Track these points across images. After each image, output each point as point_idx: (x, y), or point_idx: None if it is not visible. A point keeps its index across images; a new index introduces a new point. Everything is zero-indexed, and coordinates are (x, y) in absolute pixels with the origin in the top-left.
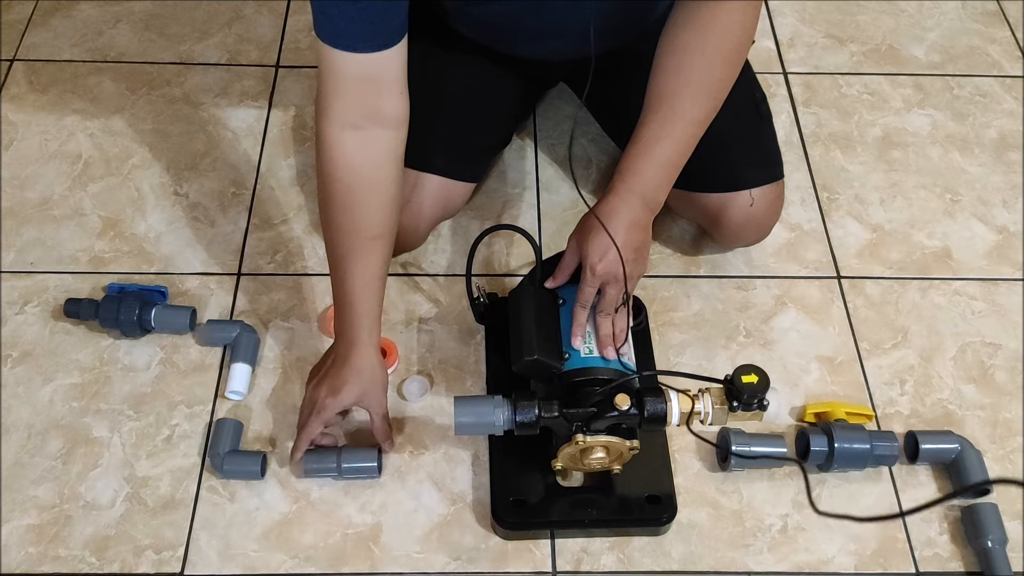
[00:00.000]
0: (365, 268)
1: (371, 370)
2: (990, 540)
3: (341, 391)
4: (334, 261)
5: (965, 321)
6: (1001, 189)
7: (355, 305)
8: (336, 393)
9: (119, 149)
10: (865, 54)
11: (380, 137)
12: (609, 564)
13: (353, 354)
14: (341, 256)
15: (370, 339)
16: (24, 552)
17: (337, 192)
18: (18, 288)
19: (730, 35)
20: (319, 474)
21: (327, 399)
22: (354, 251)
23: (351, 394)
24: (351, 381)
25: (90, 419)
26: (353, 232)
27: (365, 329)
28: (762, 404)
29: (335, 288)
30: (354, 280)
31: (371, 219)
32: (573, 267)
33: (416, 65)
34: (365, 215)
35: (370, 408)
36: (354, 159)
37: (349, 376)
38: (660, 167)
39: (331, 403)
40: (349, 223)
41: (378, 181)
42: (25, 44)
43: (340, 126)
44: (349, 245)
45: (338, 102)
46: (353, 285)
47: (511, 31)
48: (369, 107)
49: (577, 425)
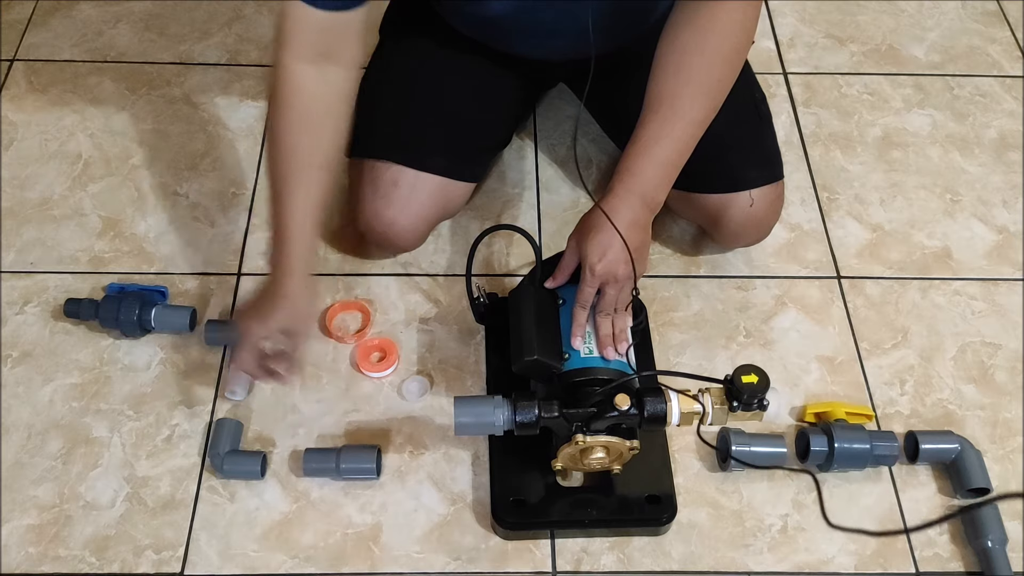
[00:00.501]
0: (304, 197)
1: (302, 298)
2: (990, 540)
3: (268, 317)
4: (277, 188)
5: (965, 321)
6: (1001, 189)
7: (291, 233)
8: (263, 319)
9: (119, 149)
10: (865, 54)
11: (335, 73)
12: (609, 564)
13: (284, 283)
14: (282, 184)
15: (302, 269)
16: (24, 552)
17: (292, 117)
18: (18, 288)
19: (730, 35)
20: (318, 474)
21: (253, 324)
22: (296, 178)
23: (278, 321)
24: (279, 307)
25: (90, 419)
26: (301, 158)
27: (299, 259)
28: (762, 404)
29: (274, 218)
30: (292, 208)
31: (317, 147)
32: (573, 267)
33: (416, 65)
34: (315, 142)
35: (295, 336)
36: (311, 88)
37: (277, 303)
38: (660, 167)
39: (257, 328)
40: (298, 148)
41: (331, 112)
42: (25, 44)
43: (298, 57)
44: (291, 171)
45: (297, 41)
46: (291, 214)
47: (509, 30)
48: (327, 52)
49: (577, 425)
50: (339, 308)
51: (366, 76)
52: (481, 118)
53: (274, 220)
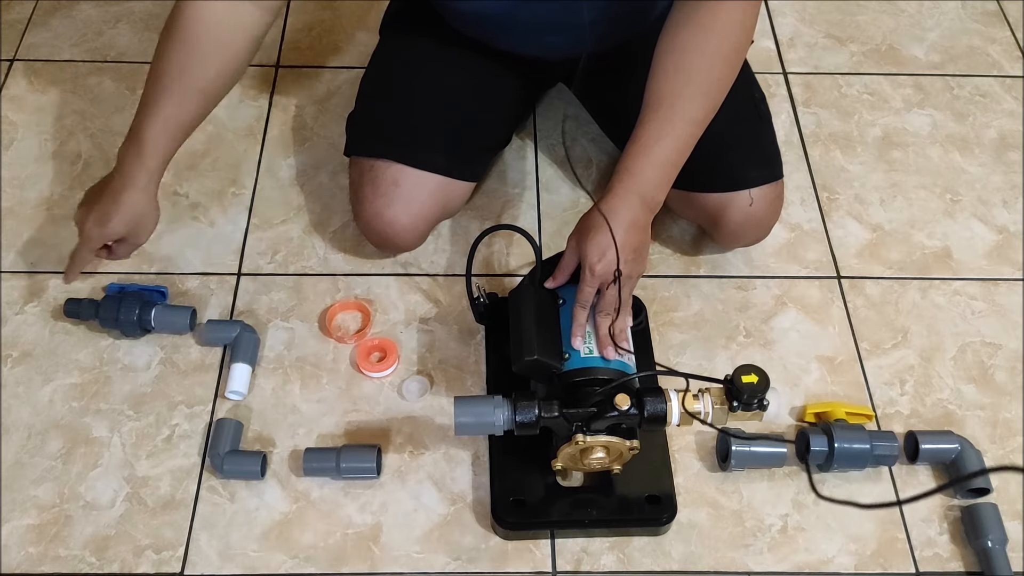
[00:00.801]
0: (176, 112)
1: (140, 209)
2: (990, 540)
3: (108, 223)
4: (148, 94)
5: (965, 321)
6: (1001, 189)
7: (148, 143)
8: (103, 224)
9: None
10: (865, 54)
11: (249, 10)
12: (609, 564)
13: (127, 192)
14: (157, 91)
15: (148, 183)
16: (24, 552)
17: (185, 31)
18: (18, 288)
19: (730, 35)
20: (318, 474)
21: (93, 228)
22: (173, 91)
23: (116, 229)
24: (118, 215)
25: (90, 419)
26: (181, 73)
27: (147, 172)
28: (762, 404)
29: (137, 120)
30: (159, 119)
31: (204, 71)
32: (573, 267)
33: (417, 64)
34: (201, 65)
35: (134, 241)
36: (218, 13)
37: (118, 211)
38: (659, 167)
39: (96, 233)
40: (181, 64)
41: (230, 44)
42: (25, 44)
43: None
44: (170, 82)
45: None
46: (156, 124)
47: (507, 28)
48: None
49: (577, 425)
50: (339, 308)
51: (366, 75)
52: (481, 118)
53: (137, 121)
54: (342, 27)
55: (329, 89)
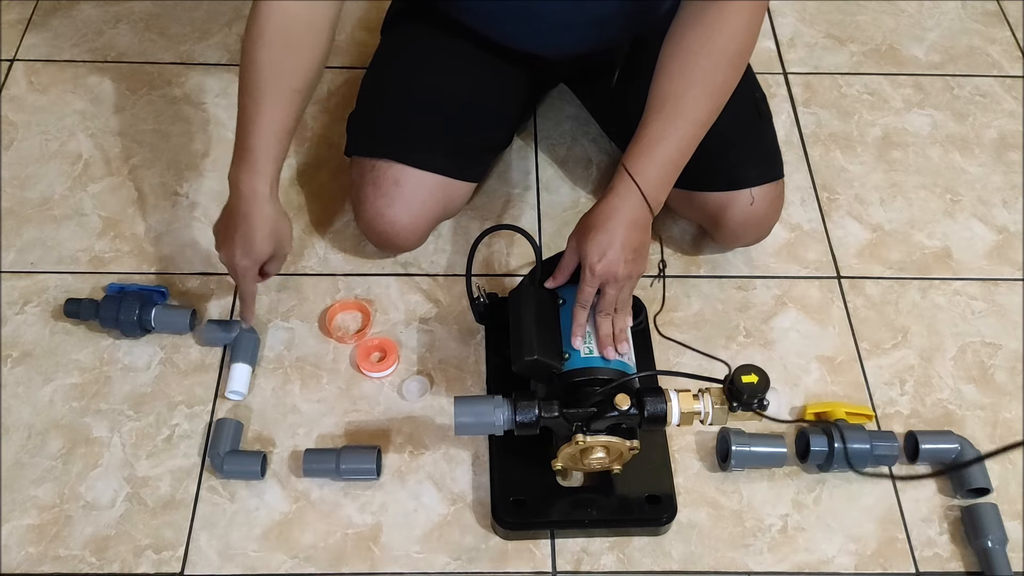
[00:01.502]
0: (281, 117)
1: (277, 221)
2: (990, 540)
3: (253, 250)
4: (248, 106)
5: (965, 321)
6: (1001, 189)
7: (260, 150)
8: (249, 252)
9: (119, 149)
10: (865, 54)
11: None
12: (609, 564)
13: (256, 209)
14: (257, 100)
15: (272, 193)
16: (24, 552)
17: (272, 33)
18: (18, 288)
19: (735, 37)
20: (318, 474)
21: (244, 261)
22: (274, 96)
23: (264, 251)
24: (259, 236)
25: (90, 419)
26: (277, 77)
27: (267, 182)
28: (762, 404)
29: (241, 134)
30: (266, 127)
31: (298, 69)
32: (573, 267)
33: (418, 65)
34: (294, 63)
35: (280, 255)
36: (297, 8)
37: (257, 232)
38: (661, 167)
39: (250, 264)
40: (275, 67)
41: (314, 34)
42: (25, 44)
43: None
44: (269, 89)
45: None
46: (264, 131)
47: (514, 23)
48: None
49: (577, 425)
50: (339, 308)
51: (367, 75)
52: (483, 118)
53: (241, 136)
54: (342, 27)
55: (329, 89)
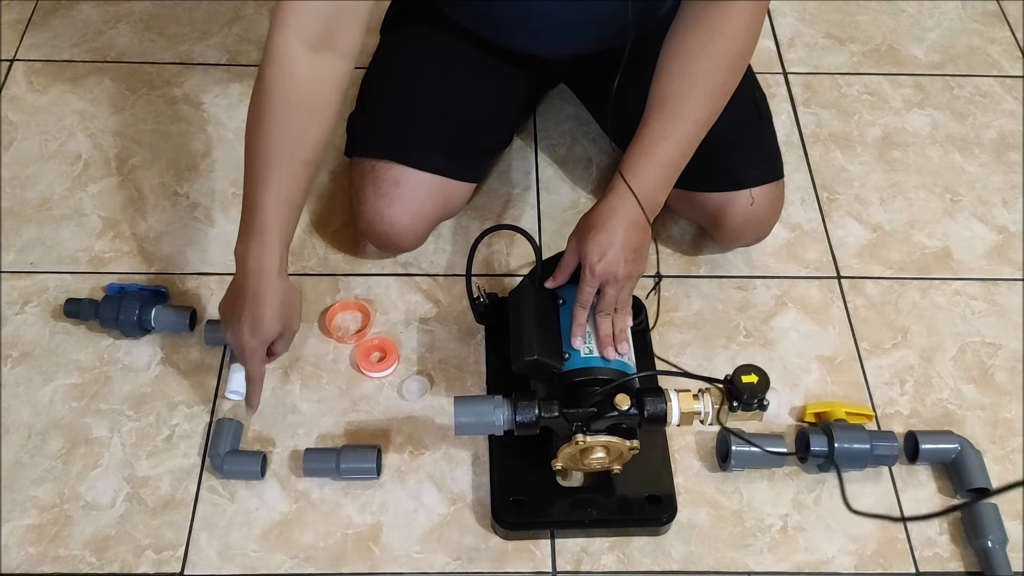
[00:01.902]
0: (289, 191)
1: (285, 299)
2: (990, 540)
3: (262, 329)
4: (255, 179)
5: (965, 321)
6: (1001, 189)
7: (268, 228)
8: (257, 332)
9: (119, 149)
10: (865, 54)
11: (332, 63)
12: (609, 564)
13: (264, 286)
14: (265, 174)
15: (281, 268)
16: (24, 552)
17: (278, 106)
18: (18, 288)
19: (736, 38)
20: (317, 474)
21: (252, 341)
22: (282, 170)
23: (272, 330)
24: (268, 316)
25: (90, 419)
26: (285, 150)
27: (277, 257)
28: (762, 404)
29: (248, 209)
30: (274, 201)
31: (306, 141)
32: (573, 267)
33: (418, 65)
34: (302, 135)
35: (288, 335)
36: (304, 76)
37: (266, 311)
38: (662, 168)
39: (257, 344)
40: (283, 140)
41: (322, 104)
42: (25, 44)
43: (296, 42)
44: (277, 162)
45: (298, 21)
46: (274, 207)
47: (514, 23)
48: (329, 35)
49: (577, 425)
50: (339, 308)
51: (367, 76)
52: (482, 118)
53: (249, 211)
54: None
55: None
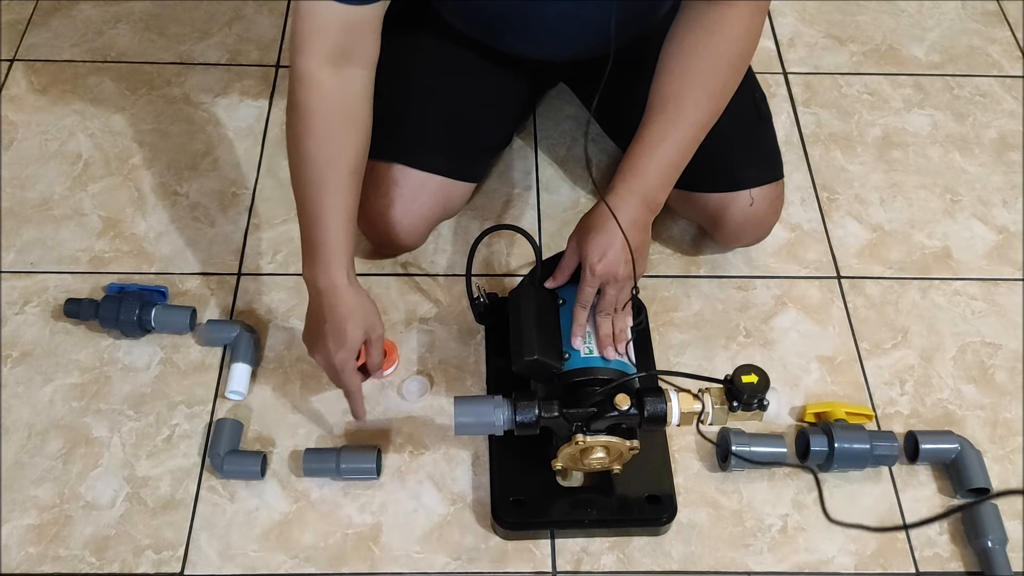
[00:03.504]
0: (343, 204)
1: (362, 306)
2: (990, 540)
3: (347, 340)
4: (308, 199)
5: (965, 321)
6: (1001, 189)
7: (330, 243)
8: (343, 344)
9: (119, 149)
10: (865, 54)
11: (355, 75)
12: (609, 564)
13: (339, 299)
14: (316, 192)
15: (350, 279)
16: (24, 552)
17: (315, 125)
18: (18, 288)
19: (737, 39)
20: (318, 474)
21: (339, 354)
22: (330, 185)
23: (357, 338)
24: (350, 326)
25: (90, 419)
26: (329, 165)
27: (344, 268)
28: (762, 404)
29: (307, 230)
30: (332, 217)
31: (348, 151)
32: (573, 267)
33: (418, 65)
34: (342, 147)
35: (375, 340)
36: (333, 92)
37: (347, 323)
38: (662, 168)
39: (345, 355)
40: (326, 156)
41: (355, 114)
42: (25, 44)
43: (318, 62)
44: (325, 178)
45: (316, 42)
46: (330, 222)
47: (513, 29)
48: (347, 50)
49: (577, 425)
50: None
51: None
52: (482, 118)
53: (307, 232)
54: None
55: None
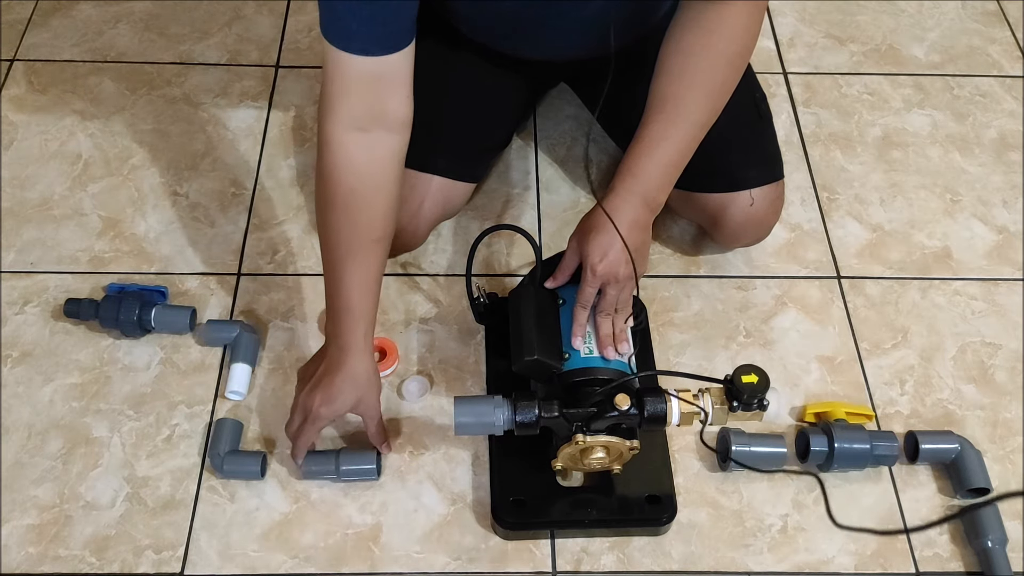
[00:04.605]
0: (365, 271)
1: (366, 376)
2: (990, 540)
3: (336, 400)
4: (332, 264)
5: (965, 321)
6: (1001, 189)
7: (352, 309)
8: (331, 402)
9: (119, 149)
10: (865, 54)
11: (385, 140)
12: (609, 564)
13: (348, 360)
14: (339, 259)
15: (366, 344)
16: (24, 552)
17: (340, 194)
18: (18, 288)
19: (735, 38)
20: (317, 476)
21: (321, 408)
22: (354, 253)
23: (346, 403)
24: (346, 389)
25: (90, 419)
26: (354, 235)
27: (361, 334)
28: (762, 404)
29: (330, 291)
30: (352, 283)
31: (373, 222)
32: (573, 267)
33: (418, 66)
34: (368, 217)
35: (364, 415)
36: (359, 161)
37: (343, 383)
38: (662, 168)
39: (325, 412)
40: (350, 225)
41: (382, 183)
42: (25, 44)
43: (345, 127)
44: (348, 247)
45: (344, 103)
46: (351, 288)
47: (514, 31)
48: (375, 109)
49: (577, 425)
50: None
51: None
52: (482, 119)
53: (330, 294)
54: None
55: None
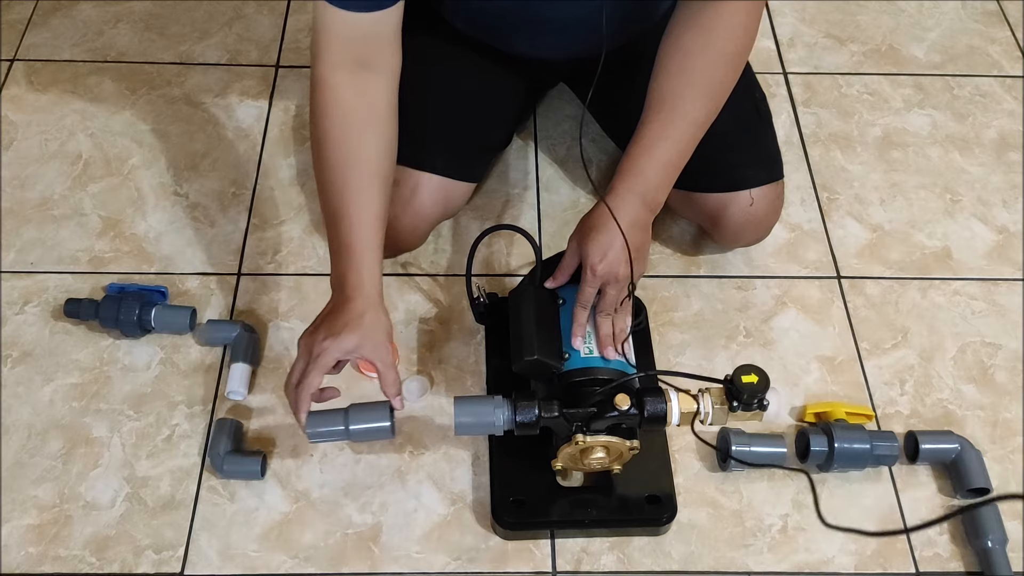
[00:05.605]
0: (365, 207)
1: (373, 315)
2: (990, 540)
3: (340, 333)
4: (329, 202)
5: (965, 321)
6: (1001, 189)
7: (353, 247)
8: (335, 335)
9: (119, 149)
10: (865, 54)
11: (373, 81)
12: (609, 564)
13: (353, 300)
14: (336, 196)
15: (372, 285)
16: (24, 552)
17: (332, 128)
18: (18, 288)
19: (733, 37)
20: (325, 438)
21: (325, 341)
22: (351, 188)
23: (351, 339)
24: (351, 324)
25: (90, 419)
26: (349, 170)
27: (366, 272)
28: (762, 404)
29: (332, 233)
30: (352, 219)
31: (367, 156)
32: (573, 267)
33: (418, 65)
34: (362, 151)
35: (375, 358)
36: (348, 95)
37: (349, 320)
38: (661, 167)
39: (330, 345)
40: (344, 160)
41: (372, 117)
42: (25, 44)
43: (333, 67)
44: (344, 184)
45: (332, 50)
46: (351, 225)
47: (512, 28)
48: (363, 57)
49: (577, 425)
50: None
51: None
52: (482, 118)
53: (332, 236)
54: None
55: None
